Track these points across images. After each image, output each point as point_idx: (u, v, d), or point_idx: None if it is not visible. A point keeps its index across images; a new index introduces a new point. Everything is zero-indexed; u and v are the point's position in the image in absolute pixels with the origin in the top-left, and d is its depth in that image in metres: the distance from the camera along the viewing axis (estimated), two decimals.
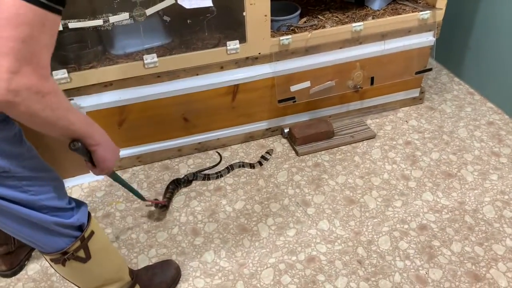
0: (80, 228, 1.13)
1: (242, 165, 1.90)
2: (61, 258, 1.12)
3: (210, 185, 1.84)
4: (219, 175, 1.86)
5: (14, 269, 1.52)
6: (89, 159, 1.10)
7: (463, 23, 2.33)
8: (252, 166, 1.90)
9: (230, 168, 1.89)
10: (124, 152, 1.88)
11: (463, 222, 1.65)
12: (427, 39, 2.02)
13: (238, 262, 1.54)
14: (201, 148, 1.99)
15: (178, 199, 1.78)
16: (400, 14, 1.96)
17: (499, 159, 1.92)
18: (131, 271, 1.37)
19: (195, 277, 1.50)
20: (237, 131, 2.00)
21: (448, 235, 1.60)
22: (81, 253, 1.14)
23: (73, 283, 1.24)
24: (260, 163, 1.92)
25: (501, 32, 2.12)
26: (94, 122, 1.06)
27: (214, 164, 1.93)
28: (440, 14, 1.97)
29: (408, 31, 1.98)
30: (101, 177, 1.87)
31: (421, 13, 1.93)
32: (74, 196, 1.81)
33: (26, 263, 1.56)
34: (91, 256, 1.17)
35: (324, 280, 1.47)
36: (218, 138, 1.99)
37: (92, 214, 1.72)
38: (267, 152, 1.95)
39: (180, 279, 1.49)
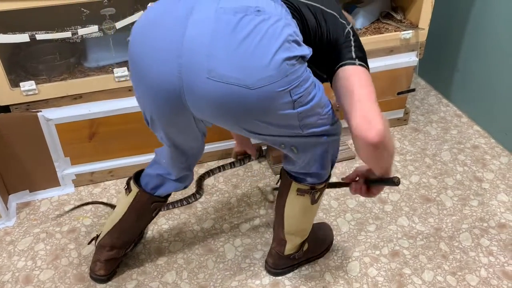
0: None
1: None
2: (310, 191, 1.29)
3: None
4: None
5: (109, 275, 1.49)
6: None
7: (451, 43, 2.29)
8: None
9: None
10: (95, 166, 1.85)
11: (438, 250, 1.58)
12: (410, 59, 1.98)
13: (199, 284, 1.48)
14: None
15: None
16: (382, 33, 1.92)
17: (481, 184, 1.85)
18: None
19: None
20: (213, 148, 1.96)
21: (420, 263, 1.54)
22: (318, 195, 1.31)
23: (286, 220, 1.37)
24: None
25: (489, 54, 2.07)
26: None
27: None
28: (423, 34, 1.93)
29: (390, 51, 1.94)
30: (71, 191, 1.84)
31: (402, 32, 1.89)
32: (42, 209, 1.78)
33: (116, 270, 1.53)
34: (317, 201, 1.33)
35: None
36: None
37: (58, 229, 1.70)
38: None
39: None
